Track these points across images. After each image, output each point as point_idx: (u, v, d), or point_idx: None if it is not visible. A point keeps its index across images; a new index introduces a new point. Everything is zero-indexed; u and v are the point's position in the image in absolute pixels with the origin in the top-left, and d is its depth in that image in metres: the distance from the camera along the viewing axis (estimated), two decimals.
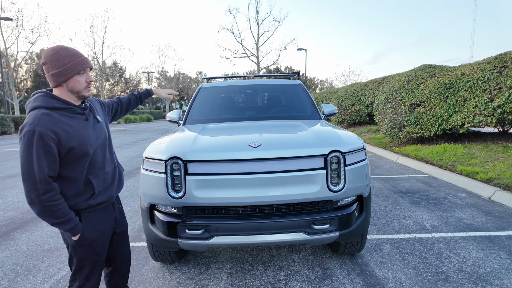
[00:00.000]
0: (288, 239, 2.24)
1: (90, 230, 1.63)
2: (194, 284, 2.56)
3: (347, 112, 14.78)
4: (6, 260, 3.07)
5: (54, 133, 1.44)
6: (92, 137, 1.61)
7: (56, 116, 1.49)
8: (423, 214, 4.00)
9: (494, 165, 5.71)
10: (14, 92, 26.50)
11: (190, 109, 3.90)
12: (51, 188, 1.46)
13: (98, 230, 1.67)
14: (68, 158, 1.51)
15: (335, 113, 3.81)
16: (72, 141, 1.50)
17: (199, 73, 68.09)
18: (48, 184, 1.45)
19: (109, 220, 1.75)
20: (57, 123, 1.47)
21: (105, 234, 1.72)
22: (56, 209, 1.48)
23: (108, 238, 1.75)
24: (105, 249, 1.73)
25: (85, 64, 1.57)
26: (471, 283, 2.47)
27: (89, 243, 1.64)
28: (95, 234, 1.66)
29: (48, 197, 1.45)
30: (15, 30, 25.93)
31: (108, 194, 1.72)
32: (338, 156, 2.28)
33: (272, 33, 33.33)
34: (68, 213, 1.53)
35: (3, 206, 4.81)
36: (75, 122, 1.56)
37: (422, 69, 8.80)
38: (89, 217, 1.65)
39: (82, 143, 1.54)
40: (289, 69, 57.24)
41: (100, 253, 1.70)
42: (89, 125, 1.63)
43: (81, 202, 1.60)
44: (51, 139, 1.43)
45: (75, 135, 1.52)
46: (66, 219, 1.52)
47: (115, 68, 44.70)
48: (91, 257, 1.66)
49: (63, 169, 1.53)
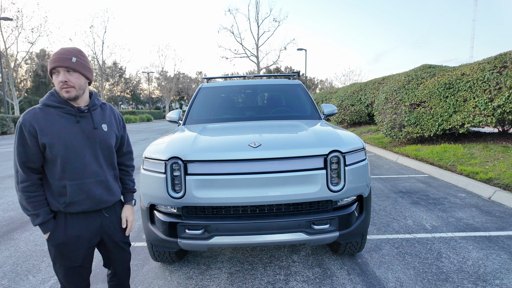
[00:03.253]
0: (288, 239, 2.24)
1: (61, 232, 1.56)
2: (194, 284, 2.56)
3: (347, 112, 14.78)
4: (6, 260, 3.07)
5: (32, 126, 1.48)
6: (75, 140, 1.54)
7: (45, 112, 1.52)
8: (423, 214, 4.00)
9: (494, 165, 5.71)
10: (14, 92, 26.52)
11: (190, 109, 3.90)
12: (28, 179, 1.51)
13: (72, 235, 1.57)
14: (46, 155, 1.52)
15: (335, 113, 3.81)
16: (44, 138, 1.48)
17: (199, 73, 68.16)
18: (25, 174, 1.50)
19: (90, 228, 1.63)
20: (40, 118, 1.49)
21: (81, 240, 1.60)
22: (30, 200, 1.51)
23: (86, 245, 1.62)
24: (79, 255, 1.61)
25: (55, 63, 1.48)
26: (471, 283, 2.47)
27: (58, 245, 1.57)
28: (67, 237, 1.57)
29: (23, 186, 1.50)
30: (15, 30, 26.00)
31: (85, 206, 1.58)
32: (338, 156, 2.28)
33: (272, 33, 33.34)
34: (40, 208, 1.53)
35: (3, 206, 4.81)
36: (62, 121, 1.53)
37: (422, 69, 8.80)
38: (64, 219, 1.58)
39: (54, 142, 1.49)
40: (289, 69, 57.25)
41: (72, 258, 1.60)
42: (78, 127, 1.57)
43: (56, 205, 1.56)
44: (28, 131, 1.47)
45: (49, 133, 1.49)
46: (36, 213, 1.52)
47: (115, 68, 44.68)
48: (62, 261, 1.59)
49: (45, 166, 1.56)
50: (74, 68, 1.51)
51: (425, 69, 8.73)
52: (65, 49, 1.53)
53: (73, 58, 1.51)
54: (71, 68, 1.51)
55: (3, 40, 25.46)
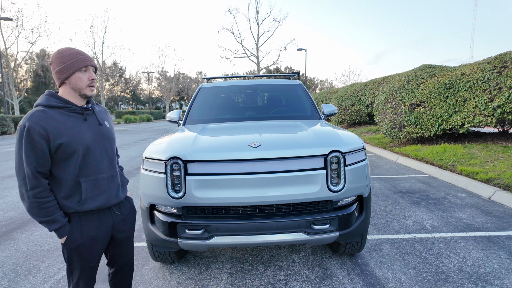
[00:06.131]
0: (288, 239, 2.24)
1: (78, 234, 1.58)
2: (194, 284, 2.56)
3: (347, 112, 14.78)
4: (6, 260, 3.07)
5: (43, 129, 1.45)
6: (87, 137, 1.58)
7: (50, 113, 1.51)
8: (423, 214, 4.00)
9: (494, 165, 5.71)
10: (14, 92, 26.50)
11: (190, 109, 3.90)
12: (39, 184, 1.47)
13: (88, 236, 1.60)
14: (58, 155, 1.51)
15: (335, 113, 3.81)
16: (61, 138, 1.48)
17: (199, 73, 68.16)
18: (36, 179, 1.46)
19: (103, 227, 1.66)
20: (48, 120, 1.48)
21: (97, 240, 1.64)
22: (43, 206, 1.48)
23: (101, 245, 1.67)
24: (95, 256, 1.66)
25: (87, 62, 1.56)
26: (471, 283, 2.47)
27: (75, 248, 1.58)
28: (84, 239, 1.59)
29: (35, 192, 1.46)
30: (15, 30, 25.95)
31: (99, 202, 1.62)
32: (338, 156, 2.28)
33: (272, 33, 33.30)
34: (55, 213, 1.51)
35: (3, 206, 4.81)
36: (71, 120, 1.55)
37: (422, 69, 8.80)
38: (79, 221, 1.59)
39: (71, 140, 1.51)
40: (289, 69, 57.24)
41: (88, 259, 1.63)
42: (87, 125, 1.61)
43: (69, 206, 1.56)
44: (39, 134, 1.44)
45: (65, 132, 1.50)
46: (52, 218, 1.50)
47: (115, 68, 44.63)
48: (79, 262, 1.61)
49: (54, 167, 1.53)
50: (97, 69, 1.66)
51: (425, 69, 8.73)
52: (81, 51, 1.60)
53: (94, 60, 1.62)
54: (95, 68, 1.63)
55: (3, 40, 25.45)
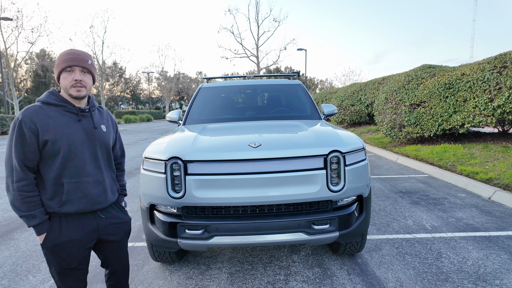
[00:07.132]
0: (288, 239, 2.24)
1: (56, 234, 1.55)
2: (194, 284, 2.56)
3: (347, 112, 14.78)
4: (6, 260, 3.07)
5: (33, 123, 1.47)
6: (77, 138, 1.57)
7: (46, 110, 1.53)
8: (423, 214, 4.00)
9: (494, 165, 5.71)
10: (14, 92, 26.47)
11: (190, 109, 3.90)
12: (26, 177, 1.49)
13: (67, 237, 1.56)
14: (45, 152, 1.52)
15: (335, 113, 3.81)
16: (47, 134, 1.49)
17: (199, 73, 68.16)
18: (23, 172, 1.48)
19: (85, 230, 1.61)
20: (41, 115, 1.50)
21: (76, 243, 1.59)
22: (26, 200, 1.48)
23: (82, 247, 1.61)
24: (75, 258, 1.60)
25: (72, 62, 1.54)
26: (471, 283, 2.47)
27: (51, 247, 1.55)
28: (61, 240, 1.56)
29: (20, 185, 1.48)
30: (15, 30, 25.90)
31: (81, 206, 1.58)
32: (338, 156, 2.28)
33: (272, 33, 33.37)
34: (35, 209, 1.50)
35: (3, 206, 4.81)
36: (64, 119, 1.56)
37: (422, 69, 8.80)
38: (59, 221, 1.57)
39: (59, 138, 1.51)
40: (289, 69, 57.25)
41: (67, 261, 1.59)
42: (80, 126, 1.60)
43: (50, 205, 1.54)
44: (29, 128, 1.46)
45: (54, 130, 1.51)
46: (32, 214, 1.49)
47: (115, 68, 44.60)
48: (57, 262, 1.59)
49: (41, 164, 1.54)
50: (89, 70, 1.61)
51: (425, 69, 8.73)
52: (79, 51, 1.60)
53: (89, 61, 1.61)
54: (86, 69, 1.59)
55: (3, 40, 25.41)
